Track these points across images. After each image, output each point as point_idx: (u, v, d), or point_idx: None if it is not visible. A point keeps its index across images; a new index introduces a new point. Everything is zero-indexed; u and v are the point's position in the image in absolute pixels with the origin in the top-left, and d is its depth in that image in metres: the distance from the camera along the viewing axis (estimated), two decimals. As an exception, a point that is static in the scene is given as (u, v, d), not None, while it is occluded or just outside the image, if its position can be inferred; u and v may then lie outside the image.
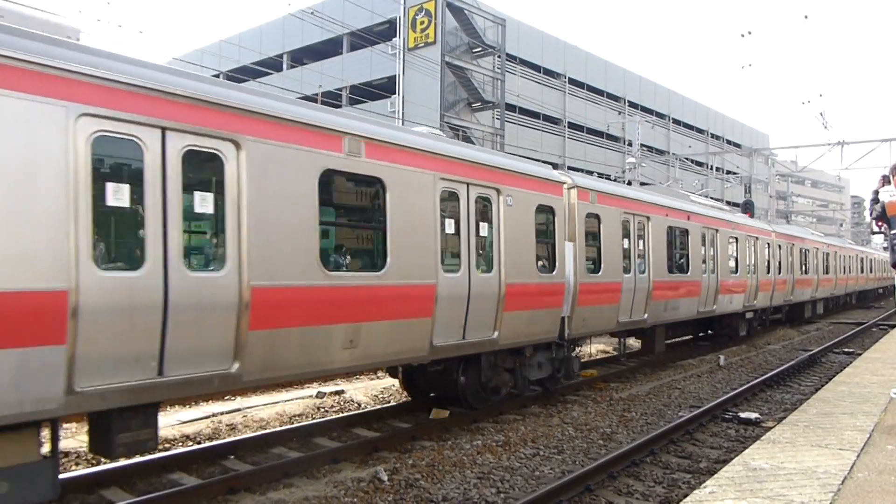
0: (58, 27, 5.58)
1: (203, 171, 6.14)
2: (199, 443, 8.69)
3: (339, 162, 7.24)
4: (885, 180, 7.57)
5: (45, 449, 5.54)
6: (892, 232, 7.17)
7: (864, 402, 7.90)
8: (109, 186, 5.39)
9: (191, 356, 5.90)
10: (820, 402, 8.04)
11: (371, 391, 12.26)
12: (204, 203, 6.05)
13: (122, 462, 7.48)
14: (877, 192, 7.63)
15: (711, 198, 30.18)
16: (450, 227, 8.81)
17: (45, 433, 5.53)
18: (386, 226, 7.83)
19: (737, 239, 19.25)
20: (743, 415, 10.47)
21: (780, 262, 23.38)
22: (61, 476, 5.91)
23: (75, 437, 8.40)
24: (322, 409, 10.82)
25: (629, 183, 33.12)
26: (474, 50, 37.80)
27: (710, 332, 20.31)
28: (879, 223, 7.69)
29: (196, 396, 10.26)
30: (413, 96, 36.09)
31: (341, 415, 10.43)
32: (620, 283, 12.77)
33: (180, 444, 8.64)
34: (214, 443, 8.44)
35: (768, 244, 22.29)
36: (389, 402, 11.62)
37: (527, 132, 41.79)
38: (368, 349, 7.62)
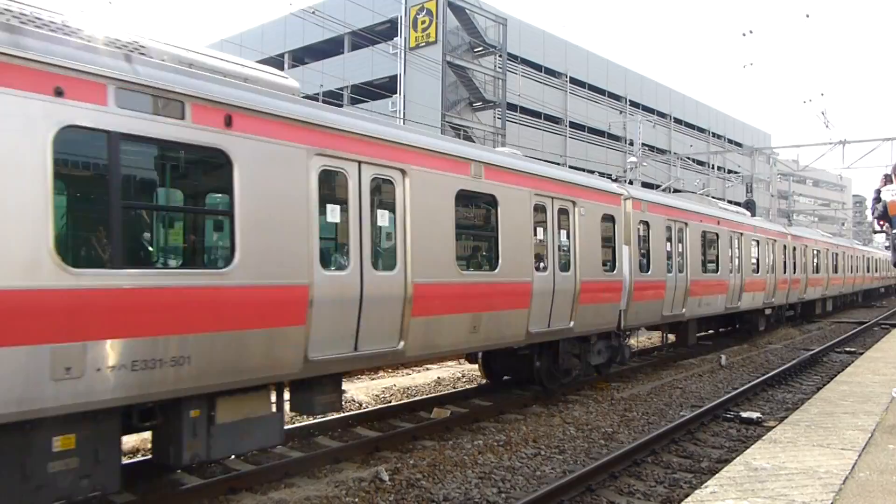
0: (285, 87, 7.29)
1: (382, 194, 7.86)
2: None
3: (468, 183, 9.01)
4: (888, 179, 7.55)
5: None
6: (894, 231, 7.15)
7: (866, 401, 7.89)
8: (328, 207, 7.07)
9: (374, 336, 7.54)
10: (821, 401, 8.04)
11: (372, 391, 12.25)
12: (383, 218, 7.80)
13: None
14: (879, 192, 7.60)
15: (714, 197, 30.22)
16: (539, 233, 10.53)
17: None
18: (498, 233, 9.56)
19: (758, 241, 20.89)
20: (744, 414, 10.46)
21: (794, 263, 24.91)
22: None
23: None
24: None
25: (631, 182, 33.16)
26: (475, 49, 37.80)
27: (728, 327, 21.93)
28: (881, 222, 7.67)
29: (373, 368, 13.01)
30: (414, 96, 36.11)
31: (342, 414, 10.42)
32: (665, 281, 14.43)
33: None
34: (216, 442, 8.43)
35: (784, 246, 23.85)
36: (390, 401, 11.62)
37: (528, 131, 41.80)
38: (486, 333, 9.33)
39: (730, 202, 29.27)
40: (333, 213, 7.13)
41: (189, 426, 6.12)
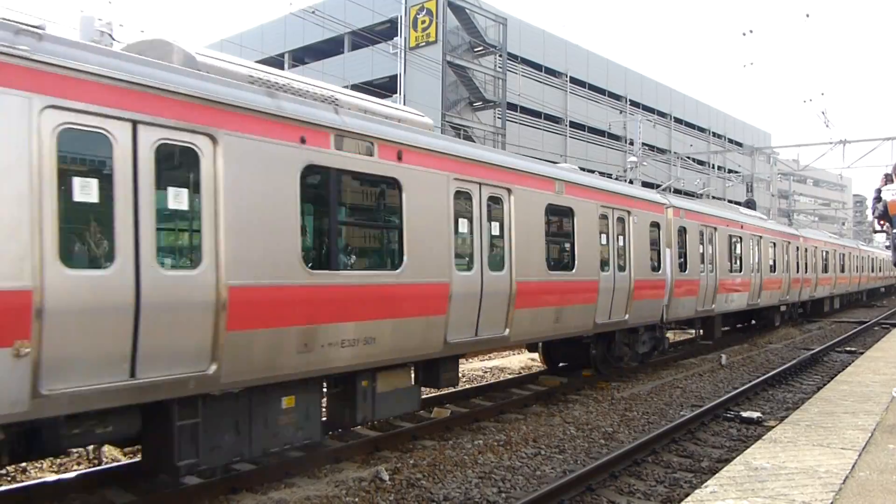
0: (425, 124, 9.06)
1: (494, 209, 9.47)
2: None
3: (553, 198, 10.82)
4: (888, 178, 7.54)
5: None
6: (895, 231, 7.13)
7: (866, 401, 7.89)
8: (459, 220, 8.77)
9: (489, 324, 9.21)
10: (822, 401, 8.03)
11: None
12: (495, 228, 9.46)
13: (124, 461, 7.51)
14: (879, 191, 7.58)
15: (714, 197, 30.31)
16: (602, 239, 12.21)
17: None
18: (574, 240, 11.32)
19: (775, 244, 22.62)
20: (745, 414, 10.46)
21: (806, 263, 26.94)
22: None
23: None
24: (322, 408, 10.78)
25: (631, 182, 33.18)
26: (476, 49, 37.77)
27: (746, 322, 23.59)
28: (882, 222, 7.65)
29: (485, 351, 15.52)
30: (414, 95, 36.06)
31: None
32: (699, 279, 16.24)
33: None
34: (216, 442, 8.44)
35: (797, 248, 25.90)
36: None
37: (528, 131, 41.79)
38: (564, 324, 11.10)
39: (730, 202, 29.35)
40: (463, 225, 8.80)
41: (361, 393, 7.87)
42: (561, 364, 14.05)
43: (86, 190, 5.26)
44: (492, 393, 12.14)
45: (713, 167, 57.72)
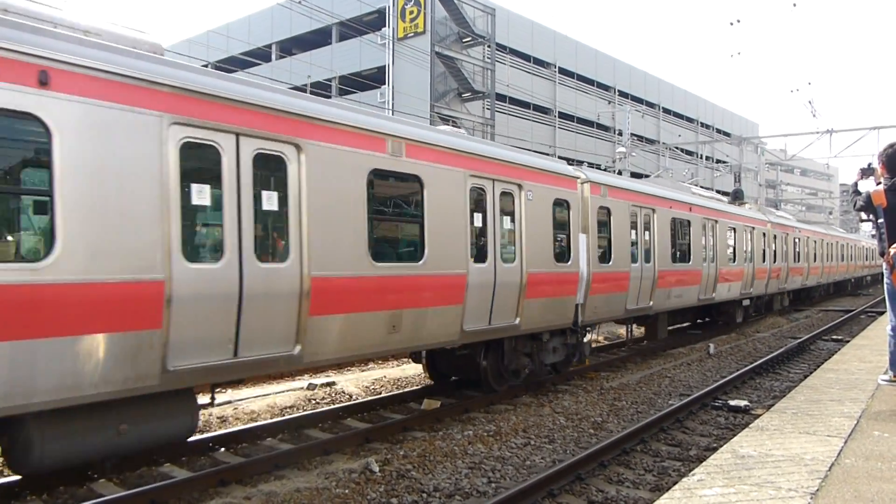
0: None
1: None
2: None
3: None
4: (863, 173, 7.61)
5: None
6: (880, 221, 7.16)
7: (852, 388, 7.94)
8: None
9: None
10: (808, 389, 8.07)
11: (362, 382, 12.25)
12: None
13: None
14: (857, 184, 7.66)
15: (702, 187, 30.49)
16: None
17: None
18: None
19: (822, 242, 29.93)
20: (732, 402, 10.54)
21: (831, 255, 33.94)
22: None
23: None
24: (313, 401, 10.81)
25: (620, 172, 33.25)
26: (464, 40, 37.62)
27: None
28: (868, 213, 7.69)
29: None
30: (403, 86, 35.92)
31: (332, 406, 10.42)
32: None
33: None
34: (205, 435, 8.41)
35: (831, 244, 33.03)
36: (381, 393, 11.62)
37: (517, 122, 41.75)
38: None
39: (718, 191, 29.49)
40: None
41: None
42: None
43: None
44: (481, 385, 12.13)
45: (702, 157, 57.92)
